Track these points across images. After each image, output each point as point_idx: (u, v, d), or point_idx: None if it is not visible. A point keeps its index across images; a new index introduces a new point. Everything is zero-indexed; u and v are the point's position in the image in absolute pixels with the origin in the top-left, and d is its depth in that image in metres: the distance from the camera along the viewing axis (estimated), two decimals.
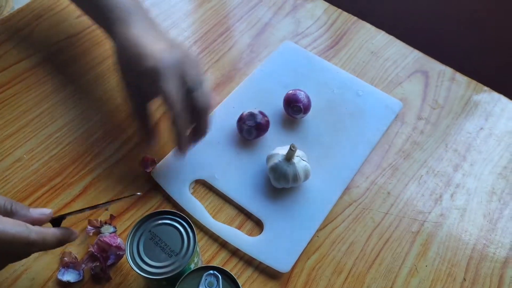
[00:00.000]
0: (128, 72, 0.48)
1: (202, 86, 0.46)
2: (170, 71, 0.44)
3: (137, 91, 0.48)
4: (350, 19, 0.69)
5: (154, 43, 0.46)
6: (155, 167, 0.52)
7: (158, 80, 0.43)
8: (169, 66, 0.44)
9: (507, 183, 0.53)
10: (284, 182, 0.49)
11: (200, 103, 0.46)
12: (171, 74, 0.44)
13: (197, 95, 0.45)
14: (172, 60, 0.45)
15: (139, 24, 0.48)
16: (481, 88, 0.62)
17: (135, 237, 0.37)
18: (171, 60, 0.45)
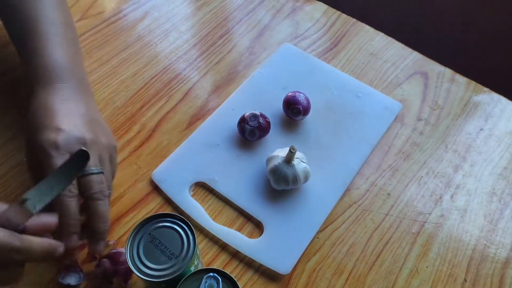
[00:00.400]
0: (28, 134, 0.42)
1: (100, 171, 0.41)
2: (68, 149, 0.39)
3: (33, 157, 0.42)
4: (349, 21, 0.69)
5: (66, 119, 0.41)
6: (156, 170, 0.52)
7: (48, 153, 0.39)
8: (68, 143, 0.39)
9: (507, 184, 0.53)
10: (284, 184, 0.49)
11: (95, 187, 0.40)
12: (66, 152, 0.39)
13: (92, 179, 0.40)
14: (74, 140, 0.40)
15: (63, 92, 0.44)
16: (481, 89, 0.62)
17: (135, 240, 0.37)
18: (74, 139, 0.40)
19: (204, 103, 0.59)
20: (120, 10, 0.68)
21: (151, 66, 0.63)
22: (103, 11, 0.68)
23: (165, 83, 0.61)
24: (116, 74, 0.61)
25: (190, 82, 0.61)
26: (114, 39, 0.65)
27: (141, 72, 0.62)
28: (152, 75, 0.62)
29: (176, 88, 0.61)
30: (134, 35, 0.66)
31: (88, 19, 0.67)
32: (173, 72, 0.62)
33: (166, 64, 0.63)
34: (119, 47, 0.64)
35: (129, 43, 0.65)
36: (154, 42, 0.65)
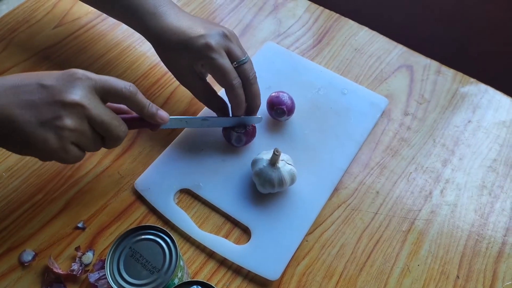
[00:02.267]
0: (178, 59, 0.49)
1: (248, 58, 0.50)
2: (220, 47, 0.47)
3: (192, 74, 0.50)
4: (332, 16, 0.68)
5: (193, 27, 0.48)
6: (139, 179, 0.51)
7: (212, 56, 0.47)
8: (218, 43, 0.47)
9: (497, 176, 0.52)
10: (269, 187, 0.48)
11: (250, 73, 0.49)
12: (221, 49, 0.47)
13: (246, 67, 0.49)
14: (219, 37, 0.48)
15: (169, 13, 0.50)
16: (468, 80, 0.61)
17: (115, 254, 0.36)
18: (218, 37, 0.48)
19: (187, 107, 0.58)
20: (97, 15, 0.67)
21: (131, 71, 0.61)
22: (79, 17, 0.66)
23: (146, 88, 0.60)
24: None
25: (171, 86, 0.60)
26: (92, 45, 0.63)
27: (121, 78, 0.59)
28: (132, 80, 0.60)
29: (158, 93, 0.59)
30: (112, 40, 0.64)
31: (65, 26, 0.65)
32: (154, 76, 0.61)
33: (147, 68, 0.62)
34: (97, 53, 0.63)
35: (108, 48, 0.63)
36: (134, 46, 0.64)
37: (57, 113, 0.38)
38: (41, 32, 0.65)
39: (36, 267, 0.45)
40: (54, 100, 0.38)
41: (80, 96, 0.39)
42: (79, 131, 0.39)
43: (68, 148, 0.40)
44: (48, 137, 0.38)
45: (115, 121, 0.42)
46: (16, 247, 0.47)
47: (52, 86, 0.39)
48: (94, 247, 0.47)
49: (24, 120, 0.38)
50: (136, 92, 0.43)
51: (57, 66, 0.61)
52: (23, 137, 0.38)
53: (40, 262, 0.46)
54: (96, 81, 0.40)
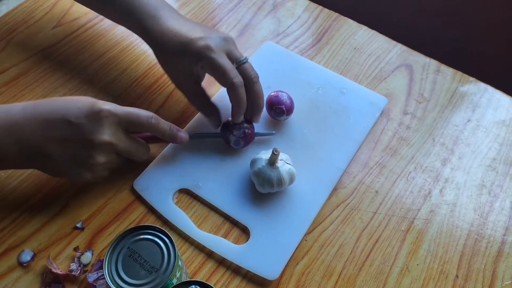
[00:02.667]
0: (177, 61, 0.50)
1: (247, 59, 0.50)
2: (220, 49, 0.48)
3: (189, 78, 0.51)
4: (331, 15, 0.68)
5: (193, 30, 0.49)
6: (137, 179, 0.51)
7: (212, 56, 0.47)
8: (217, 45, 0.48)
9: (496, 175, 0.52)
10: (268, 187, 0.48)
11: (252, 72, 0.50)
12: (222, 51, 0.48)
13: (247, 66, 0.50)
14: (218, 40, 0.48)
15: (169, 17, 0.51)
16: (467, 79, 0.61)
17: (113, 254, 0.36)
18: (218, 40, 0.48)
19: (186, 106, 0.58)
20: (96, 15, 0.67)
21: (131, 70, 0.61)
22: (78, 17, 0.66)
23: (146, 88, 0.60)
24: (94, 81, 0.60)
25: (171, 85, 0.60)
26: (91, 45, 0.63)
27: (120, 78, 0.60)
28: (132, 80, 0.60)
29: (157, 93, 0.59)
30: (111, 40, 0.64)
31: (63, 26, 0.65)
32: (154, 76, 0.61)
33: (146, 68, 0.62)
34: (96, 52, 0.63)
35: (107, 48, 0.63)
36: (133, 45, 0.64)
37: (89, 152, 0.43)
38: (40, 32, 0.65)
39: (35, 267, 0.45)
40: (85, 140, 0.42)
41: (108, 135, 0.43)
42: (109, 162, 0.45)
43: (98, 174, 0.46)
44: (82, 172, 0.44)
45: (139, 148, 0.47)
46: (15, 247, 0.46)
47: (81, 124, 0.42)
48: (93, 247, 0.47)
49: (59, 156, 0.42)
50: (158, 122, 0.46)
51: (57, 66, 0.61)
52: (59, 169, 0.44)
53: (39, 262, 0.46)
54: (120, 116, 0.44)
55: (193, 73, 0.50)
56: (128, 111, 0.44)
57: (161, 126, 0.47)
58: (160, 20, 0.50)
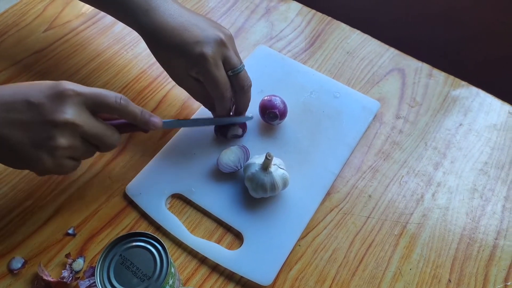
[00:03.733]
0: (173, 61, 0.48)
1: (243, 67, 0.49)
2: (216, 56, 0.46)
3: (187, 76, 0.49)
4: (324, 19, 0.68)
5: (189, 29, 0.47)
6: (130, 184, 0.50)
7: (207, 68, 0.45)
8: (214, 52, 0.46)
9: (488, 179, 0.53)
10: (262, 192, 0.48)
11: (245, 82, 0.49)
12: (217, 59, 0.46)
13: (241, 76, 0.48)
14: (215, 45, 0.46)
15: (162, 8, 0.48)
16: (459, 83, 0.61)
17: (105, 262, 0.36)
18: (215, 45, 0.46)
19: (179, 111, 0.58)
20: (88, 18, 0.66)
21: (123, 75, 0.61)
22: (70, 20, 0.66)
23: (138, 92, 0.59)
24: (86, 85, 0.59)
25: (163, 90, 0.60)
26: (82, 48, 0.63)
27: (112, 82, 0.60)
28: (123, 84, 0.60)
29: (150, 97, 0.59)
30: (103, 44, 0.64)
31: (55, 29, 0.65)
32: (146, 80, 0.61)
33: (138, 72, 0.61)
34: (88, 56, 0.62)
35: (99, 52, 0.63)
36: (125, 49, 0.64)
37: (49, 133, 0.38)
38: (30, 35, 0.64)
39: (25, 274, 0.45)
40: (45, 120, 0.38)
41: (71, 114, 0.39)
42: (73, 147, 0.40)
43: (63, 163, 0.40)
44: (43, 157, 0.39)
45: (107, 132, 0.42)
46: (5, 254, 0.46)
47: (42, 104, 0.38)
48: (84, 253, 0.46)
49: (17, 141, 0.38)
50: (127, 104, 0.43)
51: (48, 69, 0.60)
52: (18, 156, 0.39)
53: (30, 269, 0.45)
54: (86, 96, 0.40)
55: (190, 74, 0.48)
56: (95, 90, 0.41)
57: (131, 109, 0.43)
58: (154, 14, 0.47)
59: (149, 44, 0.50)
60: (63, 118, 0.38)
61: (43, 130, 0.38)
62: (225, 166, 0.50)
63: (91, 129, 0.40)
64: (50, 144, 0.38)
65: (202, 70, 0.46)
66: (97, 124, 0.41)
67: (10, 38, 0.63)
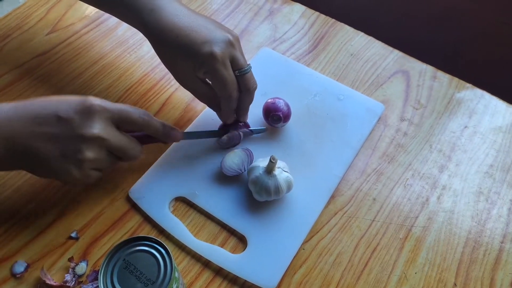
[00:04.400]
0: (179, 62, 0.48)
1: (250, 68, 0.49)
2: (224, 56, 0.46)
3: (193, 77, 0.49)
4: (328, 21, 0.68)
5: (196, 29, 0.47)
6: (133, 187, 0.50)
7: (216, 67, 0.46)
8: (223, 52, 0.46)
9: (494, 182, 0.52)
10: (266, 195, 0.48)
11: (251, 84, 0.49)
12: (226, 59, 0.46)
13: (248, 76, 0.49)
14: (224, 45, 0.46)
15: (168, 8, 0.48)
16: (463, 85, 0.61)
17: (108, 267, 0.36)
18: (223, 45, 0.46)
19: (182, 113, 0.58)
20: (91, 21, 0.66)
21: (126, 77, 0.61)
22: (73, 23, 0.66)
23: (141, 95, 0.59)
24: (89, 88, 0.59)
25: (167, 92, 0.60)
26: (86, 51, 0.63)
27: (115, 85, 0.60)
28: (127, 87, 0.60)
29: (153, 100, 0.59)
30: (106, 46, 0.64)
31: (58, 32, 0.65)
32: (149, 83, 0.60)
33: (141, 74, 0.61)
34: (91, 59, 0.62)
35: (102, 54, 0.63)
36: (128, 52, 0.63)
37: (77, 147, 0.41)
38: (34, 38, 0.64)
39: (28, 278, 0.45)
40: (74, 134, 0.40)
41: (98, 129, 0.41)
42: (99, 159, 0.42)
43: (88, 174, 0.43)
44: (71, 169, 0.41)
45: (131, 144, 0.45)
46: (8, 258, 0.46)
47: (71, 119, 0.40)
48: (87, 257, 0.46)
49: (47, 153, 0.40)
50: (150, 119, 0.45)
51: (51, 72, 0.60)
52: (47, 167, 0.41)
53: (33, 273, 0.45)
54: (112, 112, 0.42)
55: (197, 75, 0.48)
56: (120, 107, 0.43)
57: (153, 123, 0.46)
58: (159, 13, 0.47)
59: (155, 45, 0.49)
60: (91, 132, 0.41)
61: (71, 144, 0.41)
62: (229, 169, 0.50)
63: (116, 143, 0.43)
64: (78, 157, 0.41)
65: (211, 70, 0.46)
66: (122, 138, 0.43)
67: (13, 41, 0.64)
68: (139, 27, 0.50)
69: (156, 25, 0.47)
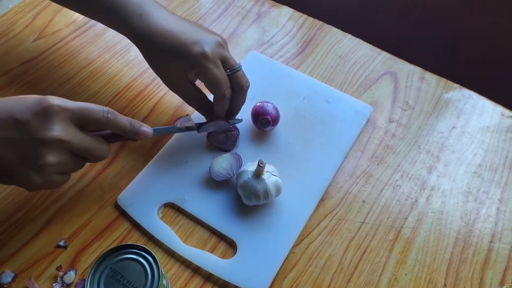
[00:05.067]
0: (170, 65, 0.48)
1: (241, 66, 0.49)
2: (215, 55, 0.46)
3: (183, 80, 0.48)
4: (315, 24, 0.68)
5: (186, 32, 0.47)
6: (121, 194, 0.50)
7: (208, 66, 0.46)
8: (213, 51, 0.46)
9: (482, 182, 0.53)
10: (255, 199, 0.47)
11: (244, 82, 0.49)
12: (216, 58, 0.47)
13: (239, 74, 0.49)
14: (214, 45, 0.47)
15: (156, 14, 0.48)
16: (451, 86, 0.61)
17: (95, 276, 0.35)
18: (213, 45, 0.47)
19: (171, 118, 0.57)
20: (78, 26, 0.66)
21: (114, 83, 0.60)
22: (60, 29, 0.65)
23: (129, 100, 0.59)
24: (77, 94, 0.59)
25: (155, 98, 0.59)
26: (73, 57, 0.62)
27: (103, 90, 0.60)
28: (115, 92, 0.59)
29: (141, 105, 0.59)
30: (94, 52, 0.63)
31: (45, 38, 0.64)
32: (137, 88, 0.60)
33: (129, 80, 0.61)
34: (78, 65, 0.62)
35: (89, 60, 0.62)
36: (116, 57, 0.63)
37: (37, 151, 0.38)
38: (20, 45, 0.64)
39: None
40: (32, 138, 0.38)
41: (58, 131, 0.38)
42: (62, 163, 0.39)
43: (52, 179, 0.40)
44: (32, 175, 0.38)
45: (96, 144, 0.41)
46: None
47: (28, 121, 0.38)
48: (76, 266, 0.45)
49: (5, 159, 0.38)
50: (115, 117, 0.42)
51: (38, 79, 0.60)
52: (6, 173, 0.39)
53: (20, 283, 0.44)
54: (72, 111, 0.39)
55: (188, 78, 0.48)
56: (81, 105, 0.40)
57: (119, 121, 0.42)
58: (148, 18, 0.47)
59: (143, 50, 0.49)
60: (50, 135, 0.38)
61: (30, 149, 0.38)
62: (218, 174, 0.50)
63: (79, 144, 0.40)
64: (39, 162, 0.38)
65: (203, 69, 0.46)
66: (85, 138, 0.40)
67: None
68: (127, 34, 0.50)
69: (145, 30, 0.47)
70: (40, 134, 0.37)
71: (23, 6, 0.68)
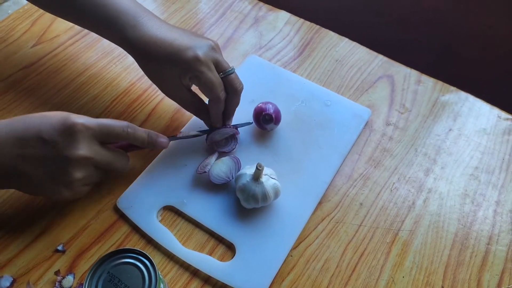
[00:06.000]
0: (165, 72, 0.49)
1: (234, 69, 0.50)
2: (208, 59, 0.47)
3: (179, 86, 0.49)
4: (312, 28, 0.69)
5: (179, 39, 0.48)
6: (121, 197, 0.50)
7: (201, 70, 0.47)
8: (206, 55, 0.47)
9: (479, 184, 0.53)
10: (253, 202, 0.48)
11: (237, 84, 0.50)
12: (209, 62, 0.47)
13: (233, 77, 0.50)
14: (207, 49, 0.48)
15: (151, 24, 0.49)
16: (448, 89, 0.62)
17: (92, 280, 0.35)
18: (206, 49, 0.48)
19: (169, 123, 0.58)
20: (76, 32, 0.66)
21: (112, 88, 0.61)
22: (58, 35, 0.66)
23: (127, 105, 0.59)
24: (75, 99, 0.59)
25: (153, 102, 0.60)
26: (71, 63, 0.63)
27: (101, 95, 0.60)
28: (113, 97, 0.60)
29: (139, 109, 0.59)
30: (92, 57, 0.64)
31: (43, 44, 0.65)
32: (135, 92, 0.61)
33: (127, 85, 0.61)
34: (77, 71, 0.62)
35: (88, 65, 0.63)
36: (114, 62, 0.63)
37: (64, 169, 0.41)
38: (19, 51, 0.64)
39: None
40: (60, 157, 0.41)
41: (84, 150, 0.41)
42: (87, 177, 0.43)
43: (78, 191, 0.44)
44: (60, 189, 0.42)
45: (117, 158, 0.45)
46: None
47: (55, 141, 0.41)
48: (74, 270, 0.46)
49: (34, 175, 0.41)
50: (134, 131, 0.45)
51: (37, 85, 0.60)
52: (37, 188, 0.43)
53: (19, 287, 0.44)
54: (95, 129, 0.42)
55: (183, 83, 0.49)
56: (102, 122, 0.43)
57: (138, 134, 0.46)
58: (142, 29, 0.48)
59: (138, 58, 0.50)
60: (76, 154, 0.41)
61: (58, 166, 0.41)
62: (217, 177, 0.50)
63: (102, 159, 0.43)
64: (67, 179, 0.42)
65: (197, 73, 0.47)
66: (107, 153, 0.44)
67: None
68: (121, 44, 0.50)
69: (140, 39, 0.48)
70: (67, 153, 0.41)
71: (22, 12, 0.69)
